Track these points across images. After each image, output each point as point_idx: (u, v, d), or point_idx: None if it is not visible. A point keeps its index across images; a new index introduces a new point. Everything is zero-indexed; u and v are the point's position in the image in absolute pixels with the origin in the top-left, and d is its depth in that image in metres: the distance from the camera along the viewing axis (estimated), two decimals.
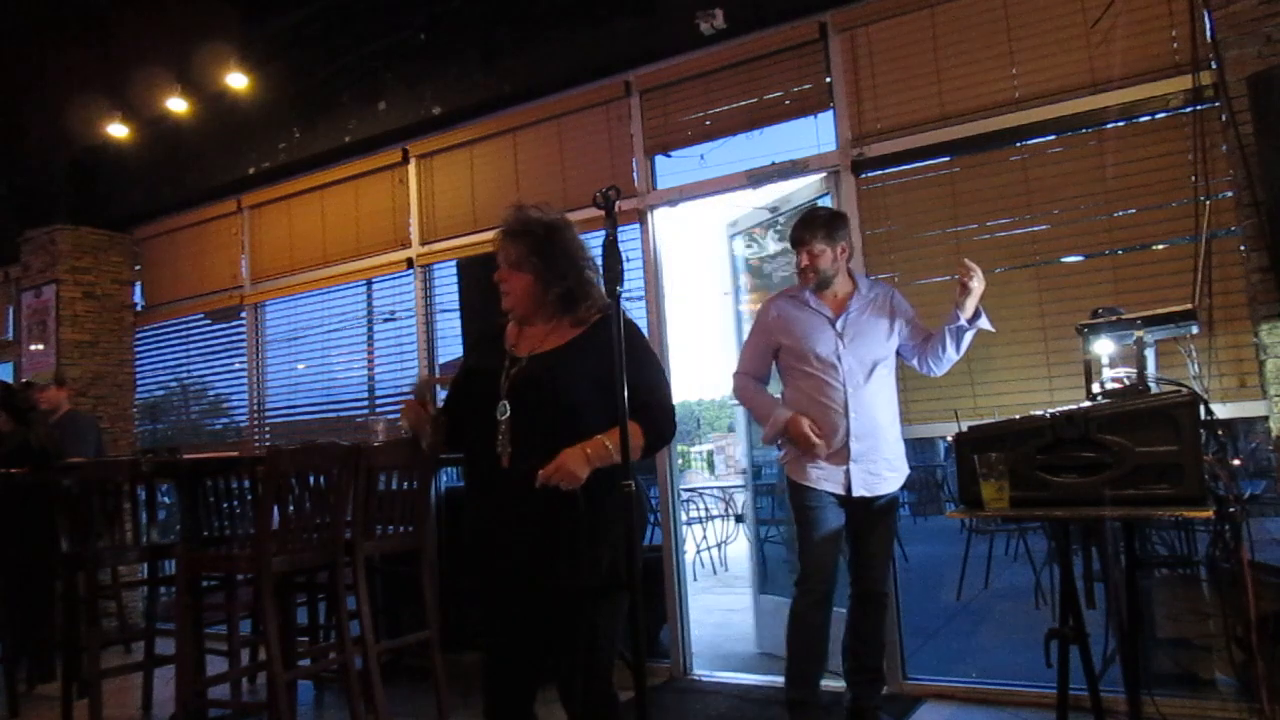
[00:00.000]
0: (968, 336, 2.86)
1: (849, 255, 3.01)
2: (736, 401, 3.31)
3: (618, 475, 1.86)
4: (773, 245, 4.24)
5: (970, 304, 2.80)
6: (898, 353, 3.02)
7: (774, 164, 3.89)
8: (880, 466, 2.90)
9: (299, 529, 3.04)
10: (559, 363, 2.01)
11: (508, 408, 1.97)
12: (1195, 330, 2.63)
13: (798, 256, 2.98)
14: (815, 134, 3.96)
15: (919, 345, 2.97)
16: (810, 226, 2.94)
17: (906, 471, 3.01)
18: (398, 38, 4.71)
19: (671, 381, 2.19)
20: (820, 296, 2.99)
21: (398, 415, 4.47)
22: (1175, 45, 3.11)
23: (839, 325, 2.93)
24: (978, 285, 2.77)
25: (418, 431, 2.10)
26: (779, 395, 3.11)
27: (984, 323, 2.85)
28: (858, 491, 2.87)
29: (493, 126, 4.67)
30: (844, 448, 2.88)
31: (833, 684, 3.19)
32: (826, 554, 2.89)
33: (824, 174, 3.79)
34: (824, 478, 2.91)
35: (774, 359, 3.09)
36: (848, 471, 2.88)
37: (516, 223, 2.07)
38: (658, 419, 2.02)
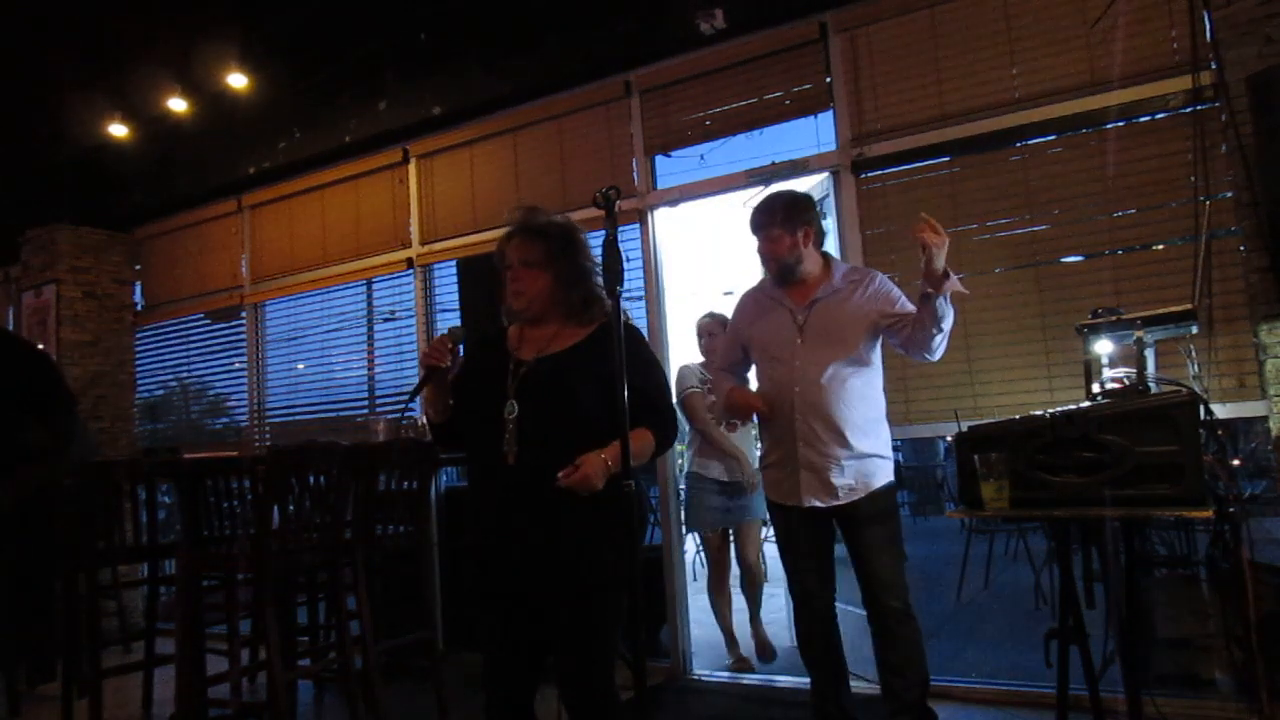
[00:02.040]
0: (941, 306, 2.46)
1: (814, 241, 2.74)
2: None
3: (619, 475, 1.87)
4: None
5: (937, 263, 2.38)
6: (895, 343, 2.72)
7: (774, 164, 3.89)
8: (833, 474, 2.61)
9: (299, 529, 3.04)
10: (567, 364, 2.03)
11: (515, 407, 1.98)
12: (1195, 330, 2.63)
13: (760, 248, 2.76)
14: (815, 134, 3.98)
15: (906, 333, 2.63)
16: (768, 211, 2.71)
17: (877, 484, 2.67)
18: (398, 38, 4.71)
19: (672, 381, 2.21)
20: (785, 287, 2.77)
21: (397, 415, 4.48)
22: (1175, 45, 3.11)
23: (799, 318, 2.70)
24: (936, 238, 2.36)
25: (434, 367, 2.05)
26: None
27: (954, 284, 2.43)
28: (808, 502, 2.63)
29: (493, 126, 4.68)
30: (792, 453, 2.66)
31: (865, 687, 3.15)
32: (803, 570, 2.73)
33: (819, 173, 3.80)
34: (783, 490, 2.72)
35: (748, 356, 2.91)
36: (798, 481, 2.65)
37: (536, 223, 2.09)
38: (665, 423, 2.07)
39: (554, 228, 2.09)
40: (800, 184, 3.91)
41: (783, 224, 2.70)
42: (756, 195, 4.09)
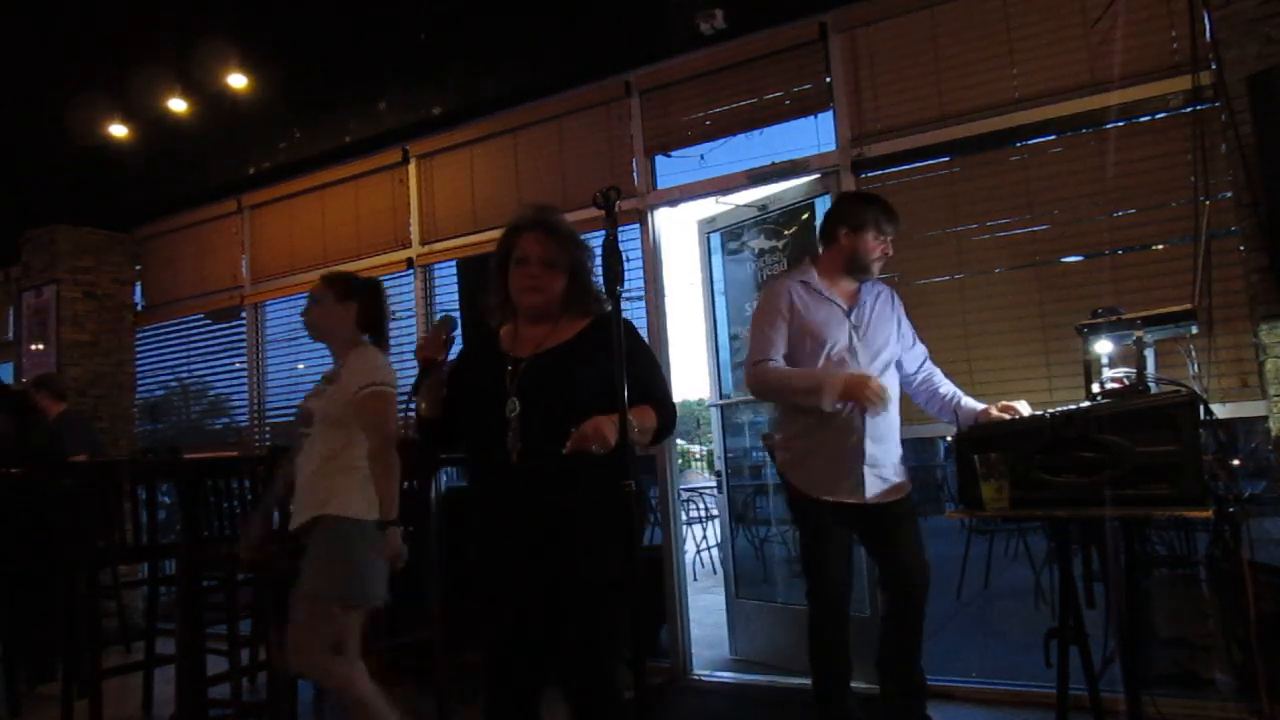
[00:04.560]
0: (963, 421, 2.69)
1: None
2: (753, 395, 3.03)
3: (621, 473, 1.86)
4: (762, 243, 4.21)
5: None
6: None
7: (774, 164, 3.89)
8: (890, 471, 2.73)
9: None
10: (566, 359, 2.03)
11: (517, 405, 1.98)
12: (1195, 330, 2.63)
13: (874, 245, 2.76)
14: (815, 134, 3.98)
15: (919, 386, 2.90)
16: (897, 220, 2.80)
17: (904, 479, 2.80)
18: (398, 38, 4.71)
19: (672, 380, 2.22)
20: (833, 285, 2.80)
21: (398, 415, 4.47)
22: (1175, 45, 3.11)
23: (854, 317, 2.77)
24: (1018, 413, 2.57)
25: (430, 360, 2.07)
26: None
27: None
28: (871, 496, 2.68)
29: (493, 126, 4.68)
30: (859, 449, 2.68)
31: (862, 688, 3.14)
32: (837, 567, 2.73)
33: (819, 174, 3.80)
34: (835, 486, 2.70)
35: None
36: (862, 476, 2.68)
37: (559, 222, 2.10)
38: (666, 411, 2.09)
39: (571, 229, 2.12)
40: (800, 184, 3.92)
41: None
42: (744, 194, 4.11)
